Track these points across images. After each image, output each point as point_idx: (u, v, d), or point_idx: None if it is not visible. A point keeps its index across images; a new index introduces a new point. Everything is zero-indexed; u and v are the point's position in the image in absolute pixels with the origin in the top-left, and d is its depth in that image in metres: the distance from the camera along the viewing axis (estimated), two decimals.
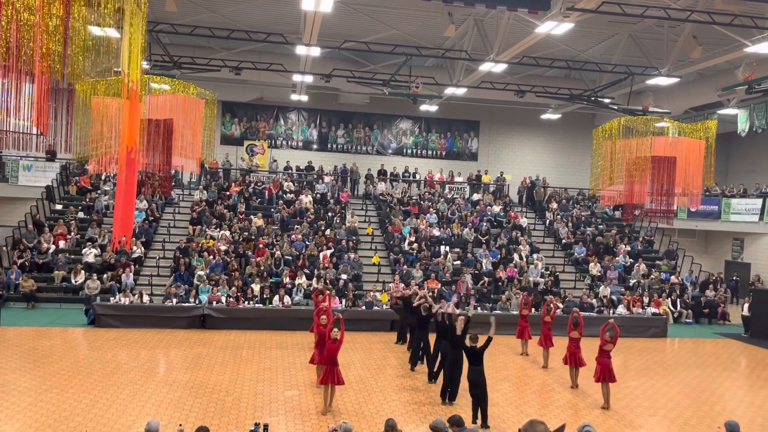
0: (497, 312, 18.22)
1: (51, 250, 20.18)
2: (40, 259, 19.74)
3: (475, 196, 27.46)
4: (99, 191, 23.73)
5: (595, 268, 22.75)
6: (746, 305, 20.33)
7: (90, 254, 19.90)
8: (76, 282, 18.99)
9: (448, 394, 11.16)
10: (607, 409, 11.33)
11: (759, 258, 25.33)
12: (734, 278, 25.54)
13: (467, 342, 10.69)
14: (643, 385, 13.21)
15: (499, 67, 20.08)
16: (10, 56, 7.65)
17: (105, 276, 18.96)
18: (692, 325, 21.33)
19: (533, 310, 18.66)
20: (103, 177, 23.74)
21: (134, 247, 20.31)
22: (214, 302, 17.44)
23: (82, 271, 19.17)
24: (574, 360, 12.70)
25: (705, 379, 14.10)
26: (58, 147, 9.64)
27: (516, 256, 22.79)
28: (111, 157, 14.65)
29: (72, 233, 21.15)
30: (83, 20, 8.83)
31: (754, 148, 29.30)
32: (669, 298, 21.57)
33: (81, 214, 22.54)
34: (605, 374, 11.39)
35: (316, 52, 19.30)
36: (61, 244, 20.68)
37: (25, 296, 18.28)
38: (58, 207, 23.11)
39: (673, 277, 23.01)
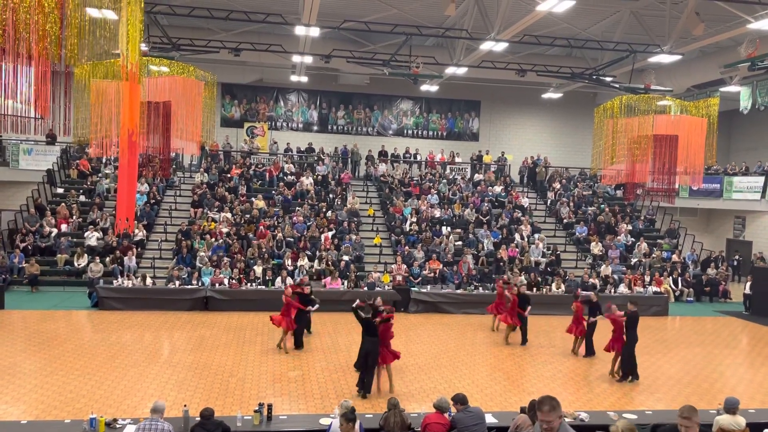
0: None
1: (53, 234, 20.23)
2: (42, 243, 19.80)
3: (477, 177, 27.41)
4: (100, 174, 23.71)
5: (596, 248, 22.77)
6: (748, 284, 20.37)
7: (92, 237, 19.96)
8: (78, 265, 19.06)
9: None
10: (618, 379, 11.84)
11: (760, 236, 25.35)
12: (736, 257, 25.53)
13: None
14: (645, 363, 13.27)
15: (500, 46, 19.90)
16: (6, 38, 7.59)
17: (107, 259, 19.02)
18: (693, 303, 21.41)
19: (534, 289, 18.80)
20: (103, 160, 23.72)
21: (136, 230, 20.34)
22: (217, 284, 17.52)
23: (85, 255, 19.23)
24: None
25: (706, 356, 14.18)
26: (57, 130, 9.61)
27: (517, 236, 22.81)
28: (111, 140, 14.60)
29: (74, 217, 21.19)
30: (80, 1, 8.74)
31: (756, 125, 29.16)
32: (670, 277, 21.62)
33: (82, 198, 22.56)
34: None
35: (315, 32, 19.14)
36: (63, 227, 20.72)
37: (30, 280, 18.36)
38: (60, 190, 23.11)
39: (674, 256, 23.03)
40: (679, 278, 21.83)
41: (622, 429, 5.85)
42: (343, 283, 18.18)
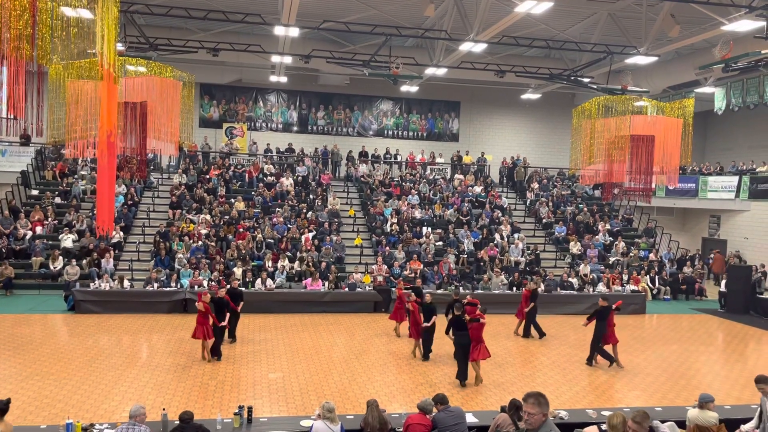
0: (479, 291, 18.37)
1: (28, 236, 19.89)
2: (16, 246, 19.45)
3: (456, 178, 27.47)
4: (76, 176, 23.37)
5: (575, 247, 22.98)
6: (723, 282, 20.70)
7: (68, 239, 19.66)
8: (54, 268, 18.77)
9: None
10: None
11: (735, 234, 25.77)
12: (711, 256, 25.91)
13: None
14: (623, 361, 13.41)
15: (479, 47, 20.02)
16: None
17: (84, 261, 18.75)
18: (670, 301, 21.71)
19: (514, 289, 18.93)
20: (79, 162, 23.39)
21: (113, 232, 20.07)
22: (196, 286, 17.35)
23: (60, 257, 18.93)
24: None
25: (682, 353, 14.38)
26: (30, 131, 9.44)
27: (497, 236, 22.93)
28: (87, 141, 14.39)
29: (49, 219, 20.86)
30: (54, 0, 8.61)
31: (730, 126, 29.68)
32: (647, 275, 21.90)
33: (58, 200, 22.20)
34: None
35: (294, 32, 19.07)
36: (38, 229, 20.38)
37: (4, 283, 18.01)
38: (34, 192, 22.74)
39: (651, 255, 23.34)
40: (656, 277, 22.11)
41: (614, 424, 5.94)
42: (323, 284, 18.14)
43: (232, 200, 23.08)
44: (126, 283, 17.18)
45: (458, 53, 21.19)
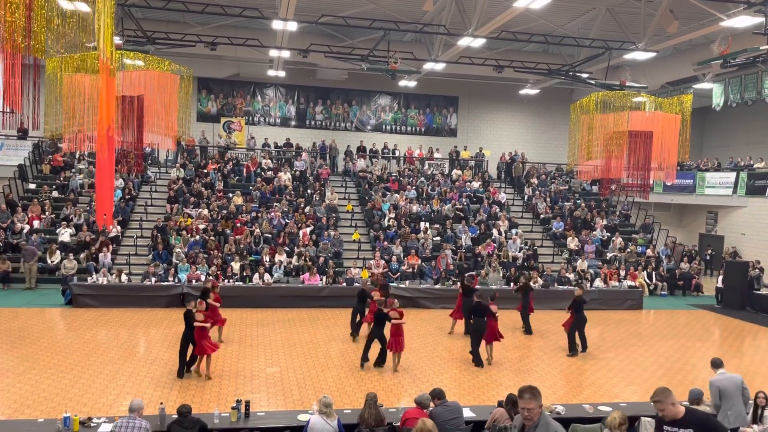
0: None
1: (25, 230, 19.85)
2: (13, 240, 19.42)
3: (454, 173, 27.48)
4: (74, 170, 23.32)
5: (572, 243, 23.00)
6: (720, 277, 20.76)
7: (65, 234, 19.63)
8: (51, 262, 18.74)
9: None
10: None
11: (732, 230, 25.82)
12: (708, 252, 25.98)
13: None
14: (620, 356, 13.48)
15: (478, 42, 19.98)
16: None
17: (82, 255, 18.73)
18: (667, 296, 21.76)
19: (512, 284, 18.95)
20: (77, 155, 23.33)
21: (111, 227, 20.05)
22: (194, 281, 17.35)
23: (58, 251, 18.91)
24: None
25: (679, 349, 14.42)
26: (26, 124, 9.42)
27: (495, 232, 22.95)
28: (85, 134, 14.35)
29: (46, 213, 20.82)
30: None
31: (728, 122, 29.69)
32: (645, 271, 21.94)
33: (55, 193, 22.16)
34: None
35: (292, 26, 19.03)
36: (36, 224, 20.35)
37: (1, 277, 17.99)
38: (32, 186, 22.70)
39: (648, 251, 23.37)
40: (653, 272, 22.16)
41: (617, 420, 5.93)
42: (321, 279, 18.14)
43: (230, 195, 23.06)
44: (123, 278, 17.17)
45: (457, 48, 21.15)
